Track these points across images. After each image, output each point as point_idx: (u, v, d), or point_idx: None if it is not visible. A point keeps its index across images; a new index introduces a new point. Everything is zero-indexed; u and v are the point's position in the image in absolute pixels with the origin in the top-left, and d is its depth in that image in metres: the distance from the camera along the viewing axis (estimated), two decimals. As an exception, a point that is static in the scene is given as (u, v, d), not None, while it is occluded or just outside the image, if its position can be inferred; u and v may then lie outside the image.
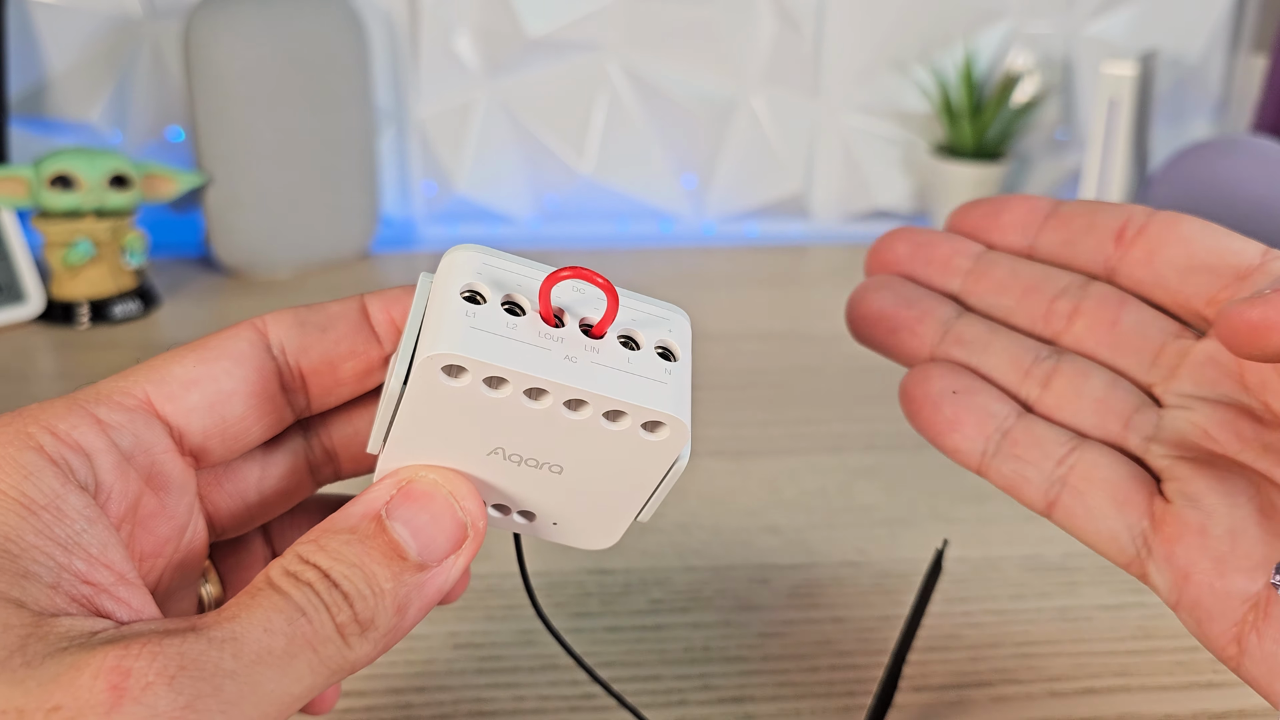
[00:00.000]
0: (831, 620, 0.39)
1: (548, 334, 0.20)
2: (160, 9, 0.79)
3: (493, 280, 0.20)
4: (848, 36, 0.86)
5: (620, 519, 0.23)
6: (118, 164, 0.68)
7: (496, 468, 0.22)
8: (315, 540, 0.20)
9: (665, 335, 0.21)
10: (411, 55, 0.83)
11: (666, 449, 0.21)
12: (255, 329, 0.23)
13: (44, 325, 0.68)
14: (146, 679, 0.16)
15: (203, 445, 0.22)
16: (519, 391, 0.20)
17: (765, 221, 0.91)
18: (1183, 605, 0.23)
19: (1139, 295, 0.26)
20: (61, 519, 0.19)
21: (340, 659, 0.19)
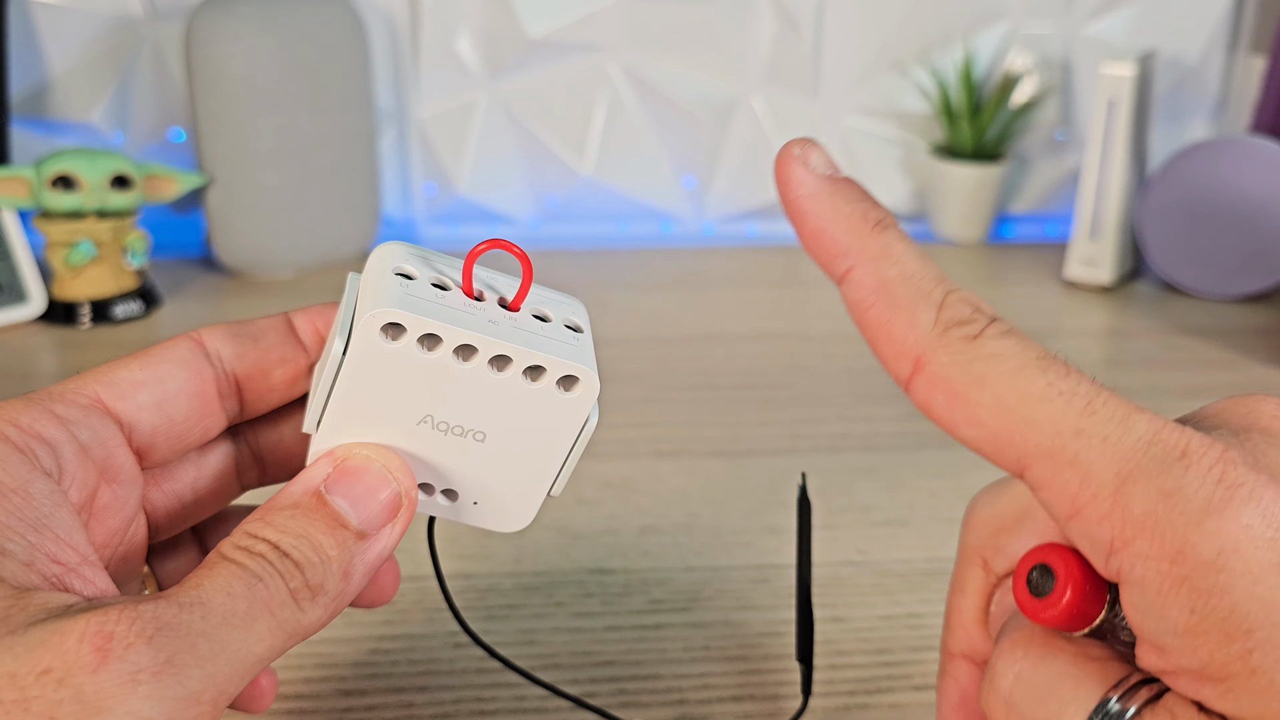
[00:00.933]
0: (831, 620, 0.39)
1: (471, 305, 0.23)
2: (161, 10, 0.79)
3: (419, 265, 0.24)
4: (847, 37, 0.86)
5: (535, 493, 0.25)
6: (119, 164, 0.68)
7: (424, 439, 0.24)
8: (261, 517, 0.22)
9: (570, 315, 0.24)
10: (412, 56, 0.83)
11: (579, 407, 0.24)
12: (192, 339, 0.25)
13: (45, 325, 0.68)
14: (128, 639, 0.18)
15: (150, 443, 0.24)
16: (450, 350, 0.22)
17: (765, 222, 0.92)
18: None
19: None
20: (30, 502, 0.20)
21: (295, 622, 0.21)
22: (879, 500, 0.47)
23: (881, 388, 0.61)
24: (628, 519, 0.45)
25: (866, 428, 0.55)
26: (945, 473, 0.50)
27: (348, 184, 0.78)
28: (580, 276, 0.79)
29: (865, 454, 0.52)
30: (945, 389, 0.19)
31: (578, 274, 0.79)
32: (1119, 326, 0.71)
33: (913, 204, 0.92)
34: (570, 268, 0.80)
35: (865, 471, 0.50)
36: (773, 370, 0.62)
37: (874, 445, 0.53)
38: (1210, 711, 0.18)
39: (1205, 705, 0.18)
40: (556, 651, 0.37)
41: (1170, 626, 0.18)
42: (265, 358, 0.26)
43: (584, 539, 0.43)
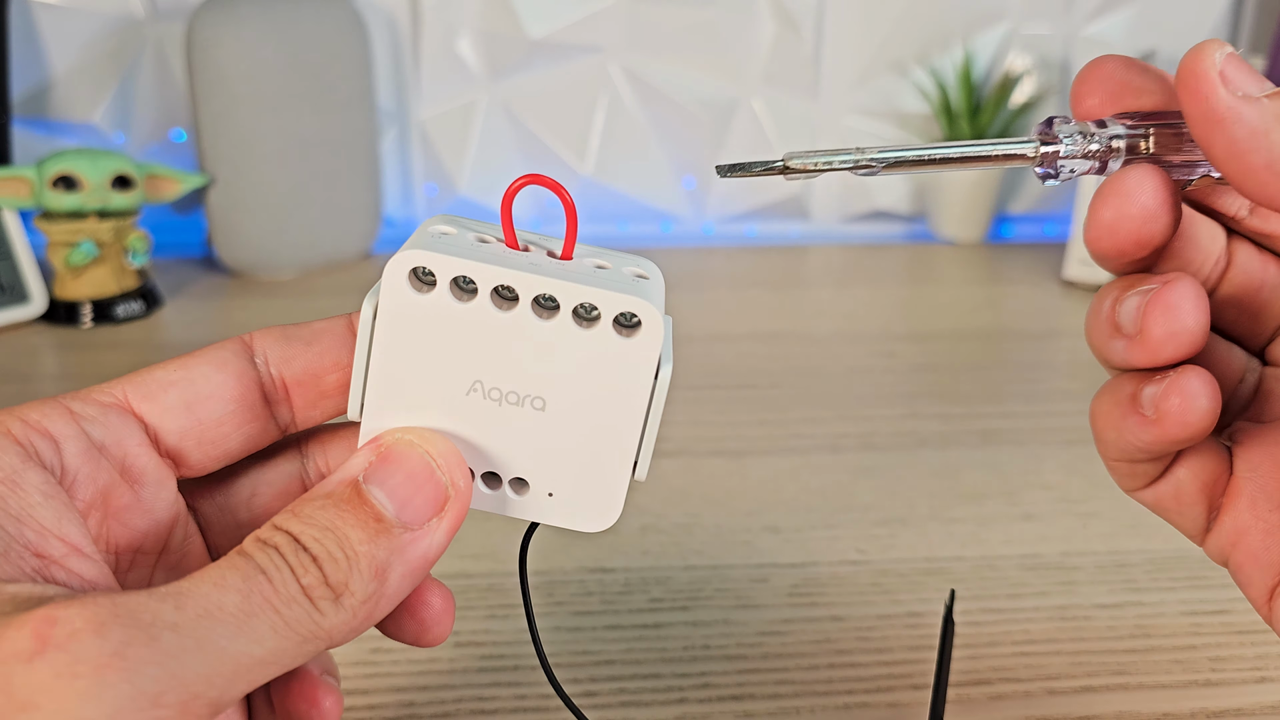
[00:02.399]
0: (830, 619, 0.39)
1: (513, 253, 0.21)
2: (163, 10, 0.79)
3: (461, 226, 0.22)
4: (847, 38, 0.86)
5: (617, 476, 0.22)
6: (120, 165, 0.68)
7: (477, 413, 0.21)
8: (292, 509, 0.20)
9: (635, 267, 0.22)
10: (413, 57, 0.83)
11: (644, 353, 0.21)
12: (241, 341, 0.23)
13: (47, 325, 0.68)
14: (73, 626, 0.16)
15: (179, 445, 0.23)
16: (488, 297, 0.20)
17: (765, 222, 0.92)
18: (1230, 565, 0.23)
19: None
20: (16, 492, 0.19)
21: (310, 624, 0.18)
22: (878, 500, 0.47)
23: (882, 388, 0.61)
24: (628, 518, 0.45)
25: (866, 427, 0.55)
26: (945, 472, 0.50)
27: (349, 184, 0.78)
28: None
29: (865, 454, 0.52)
30: None
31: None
32: (1119, 327, 0.71)
33: (912, 204, 0.92)
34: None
35: (865, 471, 0.50)
36: (773, 370, 0.62)
37: (873, 445, 0.53)
38: None
39: None
40: (557, 650, 0.37)
41: None
42: (318, 362, 0.23)
43: (584, 537, 0.43)
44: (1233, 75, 0.19)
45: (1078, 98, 0.22)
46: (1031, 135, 0.21)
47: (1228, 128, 0.19)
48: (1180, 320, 0.21)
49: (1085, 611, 0.40)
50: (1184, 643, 0.38)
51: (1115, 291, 0.22)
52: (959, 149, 0.21)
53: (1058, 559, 0.43)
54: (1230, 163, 0.19)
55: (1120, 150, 0.21)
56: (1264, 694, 0.36)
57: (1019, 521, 0.46)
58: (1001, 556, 0.43)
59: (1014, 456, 0.52)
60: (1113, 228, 0.21)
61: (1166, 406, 0.21)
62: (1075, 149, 0.21)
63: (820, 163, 0.21)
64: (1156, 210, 0.21)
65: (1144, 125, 0.21)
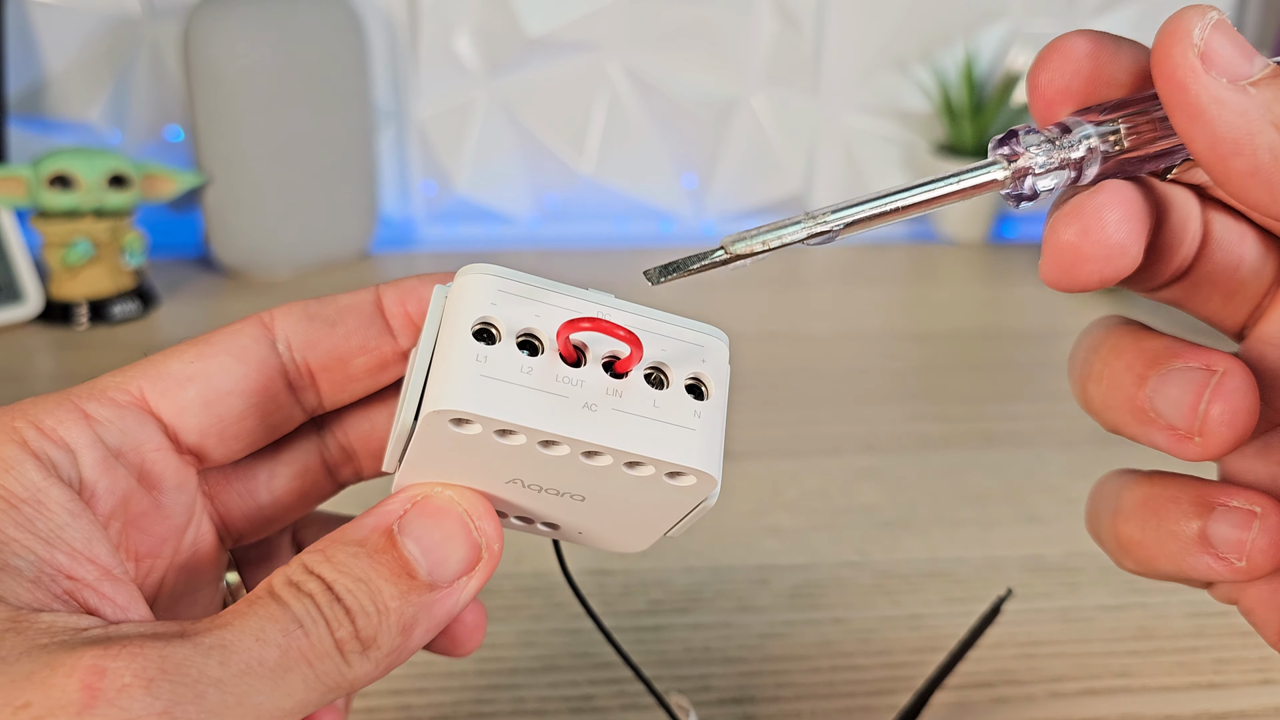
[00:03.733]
0: (832, 621, 0.39)
1: (565, 377, 0.19)
2: (159, 9, 0.79)
3: (508, 312, 0.19)
4: (848, 36, 0.86)
5: (649, 535, 0.22)
6: (117, 164, 0.68)
7: (516, 493, 0.21)
8: (322, 550, 0.19)
9: (699, 367, 0.20)
10: (411, 55, 0.83)
11: (693, 493, 0.20)
12: (261, 324, 0.22)
13: (43, 325, 0.67)
14: (123, 680, 0.16)
15: (199, 444, 0.22)
16: (533, 442, 0.19)
17: (765, 221, 0.91)
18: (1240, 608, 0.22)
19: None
20: (43, 512, 0.18)
21: (338, 676, 0.18)
22: (880, 501, 0.47)
23: (883, 388, 0.60)
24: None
25: (867, 428, 0.54)
26: (947, 474, 0.50)
27: (346, 183, 0.78)
28: (580, 276, 0.78)
29: (866, 455, 0.52)
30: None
31: (578, 274, 0.79)
32: (1120, 326, 0.71)
33: (913, 203, 0.92)
34: (570, 268, 0.80)
35: (866, 472, 0.50)
36: (773, 370, 0.61)
37: (874, 446, 0.53)
38: None
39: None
40: (556, 653, 0.37)
41: None
42: (343, 345, 0.22)
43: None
44: (1218, 53, 0.17)
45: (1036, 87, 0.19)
46: (993, 156, 0.18)
47: (1209, 123, 0.17)
48: (1247, 420, 0.19)
49: (1088, 613, 0.39)
50: (1187, 645, 0.38)
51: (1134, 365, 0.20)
52: (923, 191, 0.18)
53: (1061, 560, 0.43)
54: (1213, 164, 0.17)
55: (1096, 152, 0.18)
56: (1267, 696, 0.35)
57: (1022, 523, 0.46)
58: (1004, 558, 0.43)
59: (1017, 458, 0.51)
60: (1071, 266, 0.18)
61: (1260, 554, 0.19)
62: (1048, 161, 0.18)
63: (769, 240, 0.19)
64: (1124, 243, 0.18)
65: (1115, 117, 0.18)
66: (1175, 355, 0.19)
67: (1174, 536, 0.20)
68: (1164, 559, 0.20)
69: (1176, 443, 0.19)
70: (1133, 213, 0.18)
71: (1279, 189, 0.17)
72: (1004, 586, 0.41)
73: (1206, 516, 0.20)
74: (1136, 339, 0.20)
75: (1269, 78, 0.17)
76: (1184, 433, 0.19)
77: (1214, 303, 0.21)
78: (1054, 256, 0.18)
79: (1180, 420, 0.19)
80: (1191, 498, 0.20)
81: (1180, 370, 0.19)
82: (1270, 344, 0.21)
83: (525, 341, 0.19)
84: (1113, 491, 0.22)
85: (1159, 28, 0.17)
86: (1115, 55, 0.19)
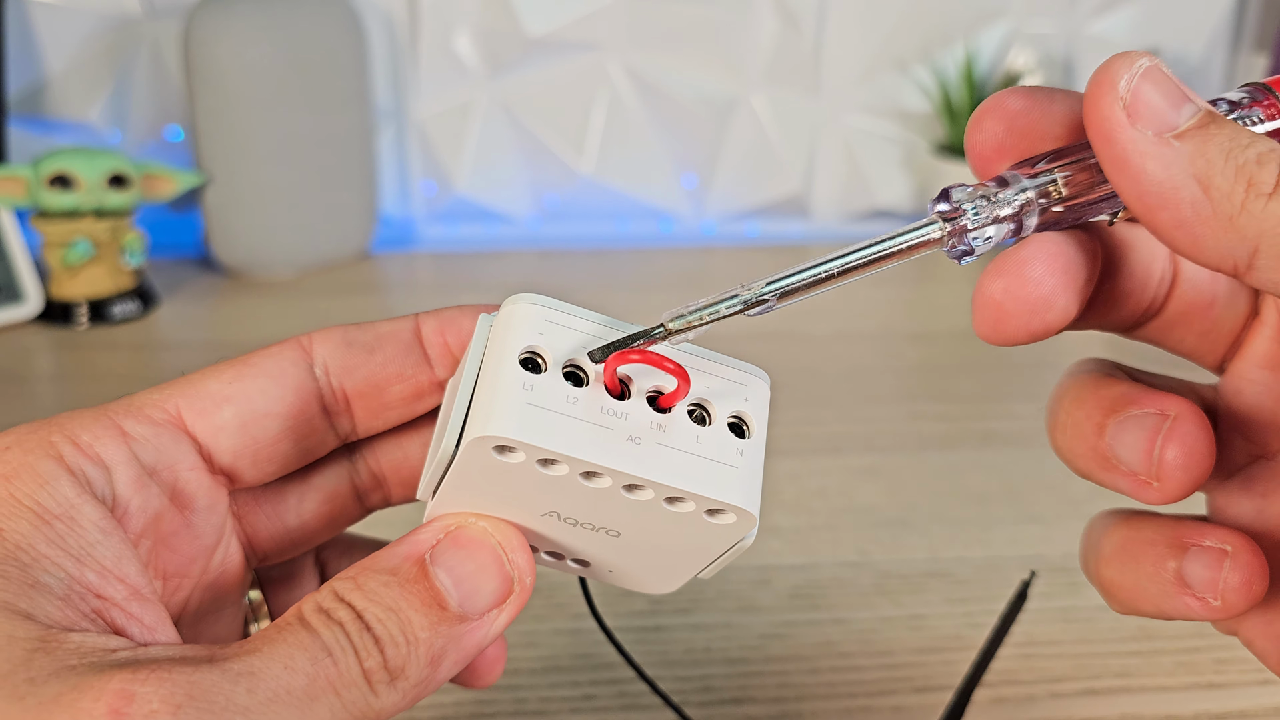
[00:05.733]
0: (833, 622, 0.39)
1: (610, 409, 0.19)
2: (160, 8, 0.79)
3: (554, 342, 0.19)
4: (848, 36, 0.86)
5: (680, 574, 0.22)
6: (117, 164, 0.68)
7: (551, 527, 0.21)
8: (354, 578, 0.19)
9: (740, 405, 0.20)
10: (411, 55, 0.83)
11: (731, 532, 0.20)
12: (300, 347, 0.22)
13: (43, 325, 0.67)
14: (150, 706, 0.16)
15: (233, 465, 0.22)
16: (575, 472, 0.19)
17: (765, 221, 0.91)
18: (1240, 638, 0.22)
19: None
20: (75, 529, 0.18)
21: (364, 706, 0.18)
22: (880, 501, 0.47)
23: (883, 388, 0.60)
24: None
25: (867, 428, 0.54)
26: (947, 473, 0.50)
27: (346, 183, 0.78)
28: (580, 276, 0.78)
29: (866, 454, 0.52)
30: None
31: (578, 274, 0.79)
32: (1120, 326, 0.71)
33: (914, 203, 0.92)
34: (570, 267, 0.80)
35: (866, 472, 0.50)
36: (773, 370, 0.61)
37: (875, 446, 0.53)
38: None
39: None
40: (557, 654, 0.37)
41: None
42: (380, 372, 0.22)
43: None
44: (1143, 104, 0.17)
45: (973, 148, 0.19)
46: (930, 215, 0.19)
47: (1134, 176, 0.17)
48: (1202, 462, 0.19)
49: (1088, 613, 0.39)
50: (1188, 645, 0.38)
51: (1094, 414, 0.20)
52: (857, 255, 0.18)
53: (1061, 560, 0.43)
54: (1142, 214, 0.17)
55: (1033, 203, 0.18)
56: (1267, 696, 0.35)
57: (1022, 523, 0.45)
58: (1004, 558, 0.43)
59: (1017, 457, 0.51)
60: (997, 322, 0.18)
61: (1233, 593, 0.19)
62: (983, 217, 0.18)
63: (705, 315, 0.19)
64: (1047, 296, 0.18)
65: (1051, 167, 0.18)
66: (1131, 402, 0.20)
67: (1152, 579, 0.20)
68: (1145, 601, 0.21)
69: (1138, 488, 0.20)
70: (1058, 265, 0.18)
71: (1203, 241, 0.17)
72: (1004, 586, 0.41)
73: (1182, 557, 0.20)
74: (1097, 387, 0.21)
75: (1195, 128, 0.17)
76: (1144, 478, 0.19)
77: (1190, 340, 0.21)
78: (981, 312, 0.19)
79: (1139, 465, 0.19)
80: (1167, 539, 0.20)
81: (1136, 417, 0.19)
82: (1246, 379, 0.21)
83: (571, 373, 0.19)
84: (1097, 534, 0.22)
85: (1091, 75, 0.17)
86: (1049, 109, 0.19)
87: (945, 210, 0.19)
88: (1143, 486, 0.19)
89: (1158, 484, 0.19)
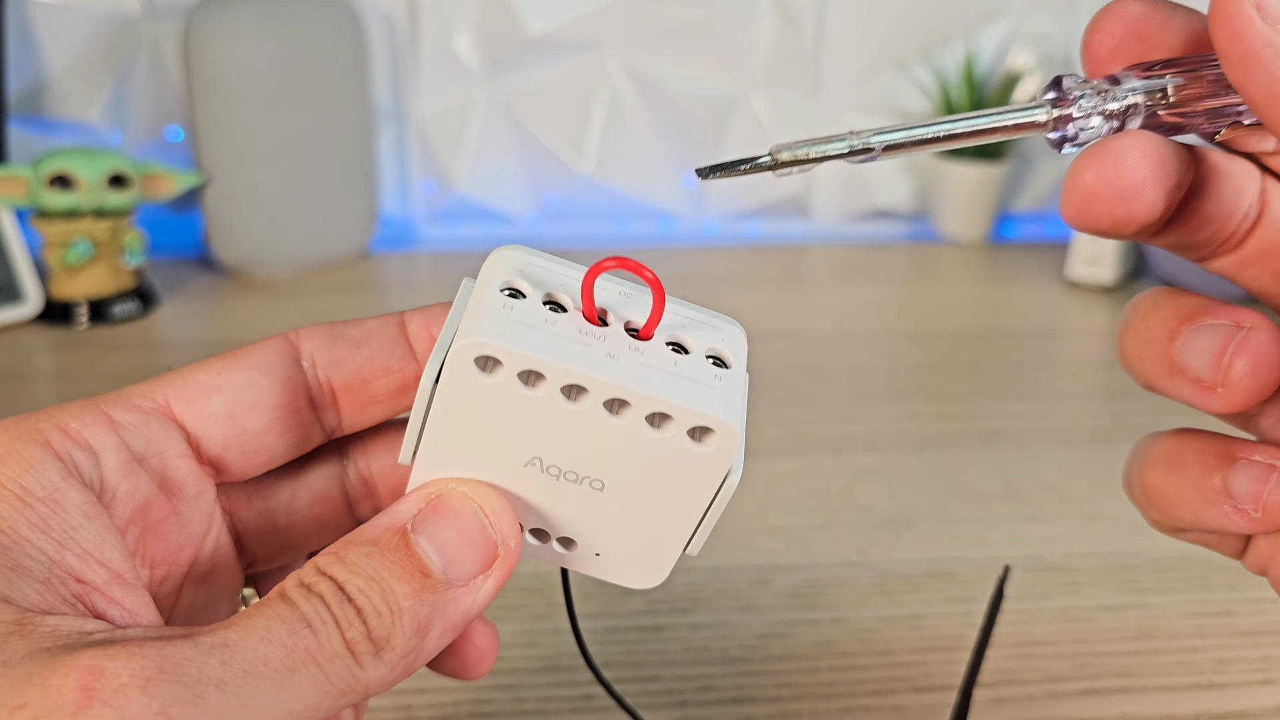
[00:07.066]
0: (832, 621, 0.39)
1: (590, 331, 0.19)
2: (159, 8, 0.79)
3: (535, 278, 0.20)
4: (848, 35, 0.86)
5: (667, 550, 0.22)
6: (116, 164, 0.68)
7: (534, 482, 0.21)
8: (335, 552, 0.19)
9: (718, 344, 0.20)
10: (411, 55, 0.83)
11: (715, 461, 0.20)
12: (287, 341, 0.23)
13: (43, 325, 0.67)
14: (119, 680, 0.15)
15: (221, 455, 0.22)
16: (556, 390, 0.19)
17: (765, 221, 0.91)
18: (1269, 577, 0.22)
19: None
20: (58, 512, 0.18)
21: (350, 679, 0.18)
22: (880, 501, 0.47)
23: (883, 388, 0.60)
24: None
25: (867, 428, 0.54)
26: (947, 473, 0.50)
27: (346, 183, 0.78)
28: (580, 276, 0.78)
29: (866, 454, 0.52)
30: None
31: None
32: (1121, 326, 0.71)
33: (914, 203, 0.92)
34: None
35: (866, 472, 0.50)
36: (773, 370, 0.61)
37: (875, 446, 0.53)
38: None
39: None
40: (556, 653, 0.37)
41: None
42: (367, 365, 0.23)
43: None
44: (1272, 2, 0.17)
45: (1089, 48, 0.19)
46: (1039, 99, 0.19)
47: (1266, 67, 0.17)
48: (1270, 374, 0.19)
49: (1088, 613, 0.39)
50: (1187, 645, 0.38)
51: (1168, 320, 0.20)
52: (965, 122, 0.19)
53: (1061, 560, 0.43)
54: (1270, 107, 0.17)
55: (1139, 106, 0.19)
56: (1267, 696, 0.35)
57: (1022, 523, 0.45)
58: (1004, 558, 0.43)
59: (1017, 457, 0.51)
60: (1085, 205, 0.19)
61: (1275, 508, 0.20)
62: (1089, 107, 0.19)
63: (813, 152, 0.19)
64: (1138, 185, 0.18)
65: (1163, 74, 0.19)
66: (1207, 312, 0.20)
67: (1196, 486, 0.21)
68: (1185, 508, 0.21)
69: (1201, 394, 0.19)
70: (1154, 159, 0.18)
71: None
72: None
73: (1229, 468, 0.20)
74: (1173, 298, 0.21)
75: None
76: (1208, 384, 0.19)
77: (1264, 279, 0.21)
78: (1070, 195, 0.19)
79: (1205, 372, 0.19)
80: (1217, 451, 0.21)
81: (1209, 326, 0.19)
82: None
83: (551, 301, 0.19)
84: (1145, 445, 0.22)
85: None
86: (1169, 19, 0.19)
87: (1054, 97, 0.19)
88: (1206, 393, 0.19)
89: (1222, 390, 0.19)
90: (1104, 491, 0.48)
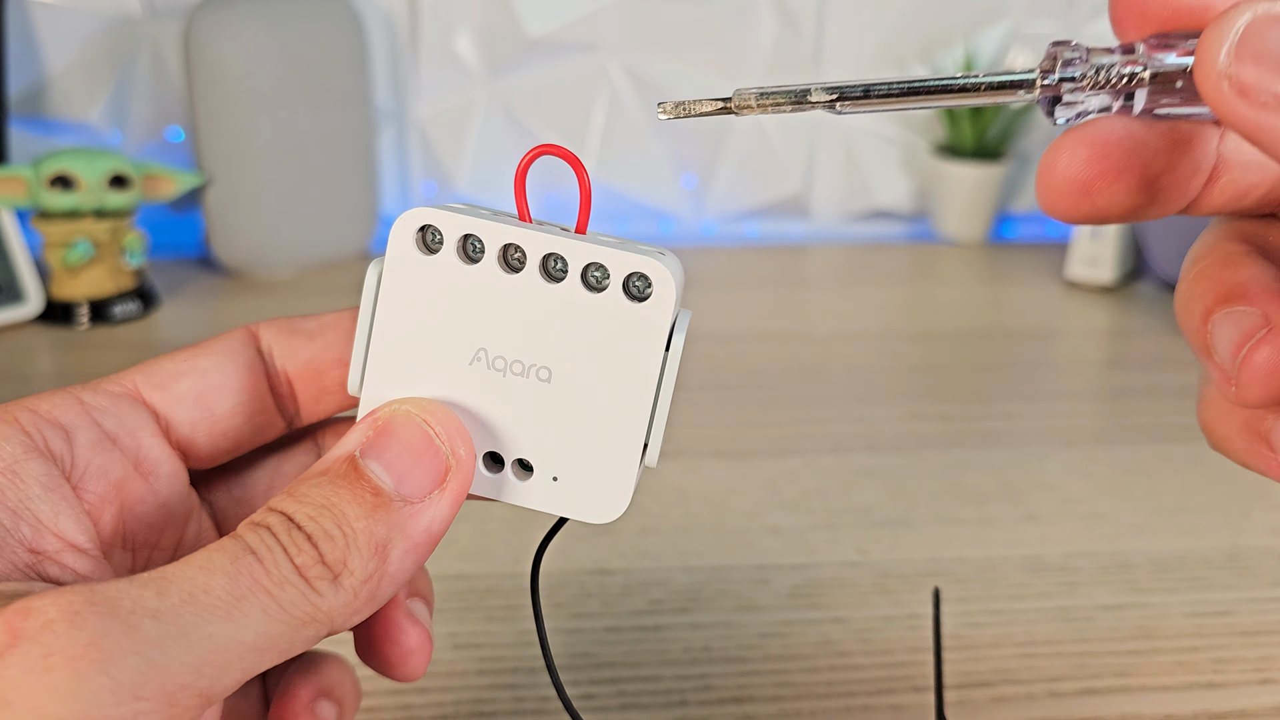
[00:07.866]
0: (832, 621, 0.39)
1: (524, 223, 0.20)
2: (160, 9, 0.79)
3: (472, 206, 0.21)
4: (848, 36, 0.86)
5: (625, 460, 0.21)
6: (117, 164, 0.68)
7: (481, 383, 0.21)
8: (287, 490, 0.19)
9: (655, 248, 0.21)
10: (411, 55, 0.83)
11: (655, 321, 0.20)
12: (249, 332, 0.23)
13: (43, 325, 0.67)
14: (47, 616, 0.15)
15: (190, 437, 0.22)
16: (495, 258, 0.20)
17: (765, 221, 0.91)
18: None
19: None
20: (15, 483, 0.19)
21: (308, 606, 0.17)
22: (880, 501, 0.47)
23: (883, 388, 0.60)
24: (627, 519, 0.45)
25: (867, 428, 0.54)
26: (946, 473, 0.50)
27: (347, 183, 0.78)
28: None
29: (866, 454, 0.52)
30: None
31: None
32: (1120, 326, 0.71)
33: (914, 204, 0.92)
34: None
35: (866, 472, 0.50)
36: (773, 370, 0.61)
37: (875, 446, 0.53)
38: None
39: None
40: (556, 653, 0.37)
41: None
42: (321, 356, 0.23)
43: (583, 539, 0.43)
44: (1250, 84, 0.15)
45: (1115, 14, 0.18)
46: (1035, 66, 0.18)
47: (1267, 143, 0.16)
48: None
49: (1088, 613, 0.39)
50: (1187, 644, 0.38)
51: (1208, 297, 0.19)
52: (937, 80, 0.18)
53: (1060, 560, 0.43)
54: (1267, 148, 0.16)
55: (1144, 80, 0.17)
56: (1267, 695, 0.35)
57: (1021, 522, 0.46)
58: (1003, 558, 0.43)
59: (1016, 457, 0.51)
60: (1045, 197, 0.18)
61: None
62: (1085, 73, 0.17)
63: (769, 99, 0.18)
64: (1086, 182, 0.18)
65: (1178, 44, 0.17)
66: (1242, 296, 0.19)
67: (1241, 434, 0.20)
68: (1232, 450, 0.21)
69: (1222, 383, 0.19)
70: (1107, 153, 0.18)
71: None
72: (1004, 586, 0.41)
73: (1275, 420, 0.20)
74: (1222, 267, 0.20)
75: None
76: (1229, 375, 0.19)
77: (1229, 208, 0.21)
78: (1038, 185, 0.19)
79: (1226, 362, 0.19)
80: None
81: (1240, 313, 0.19)
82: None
83: (492, 214, 0.21)
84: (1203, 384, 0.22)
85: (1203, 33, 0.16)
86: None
87: (1049, 62, 0.18)
88: (1226, 383, 0.19)
89: (1235, 387, 0.19)
90: (1104, 491, 0.48)
